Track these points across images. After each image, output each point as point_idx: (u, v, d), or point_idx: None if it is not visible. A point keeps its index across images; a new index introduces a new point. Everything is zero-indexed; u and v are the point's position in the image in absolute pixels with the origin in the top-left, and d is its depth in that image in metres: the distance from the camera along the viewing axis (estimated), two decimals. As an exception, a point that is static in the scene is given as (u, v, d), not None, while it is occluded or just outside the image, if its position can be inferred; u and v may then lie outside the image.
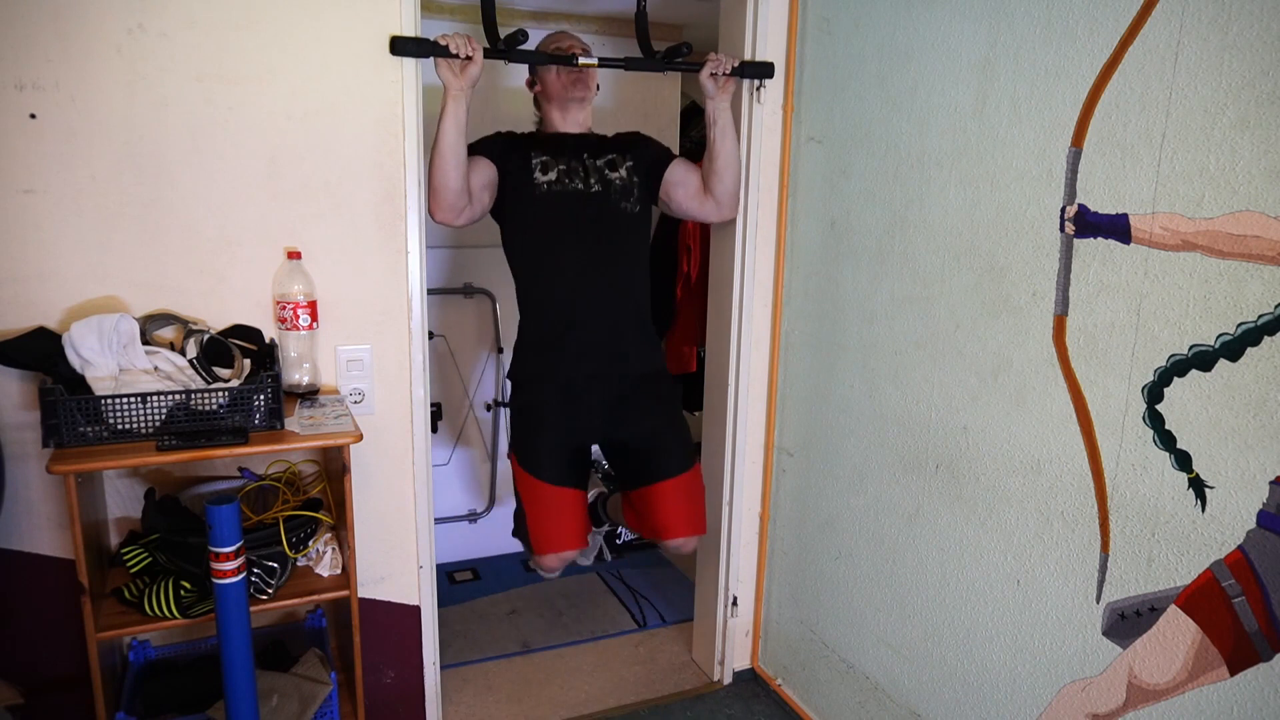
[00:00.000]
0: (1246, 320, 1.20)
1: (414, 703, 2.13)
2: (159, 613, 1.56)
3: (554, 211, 1.85)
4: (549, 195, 1.84)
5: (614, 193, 1.87)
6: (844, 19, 1.96)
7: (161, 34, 1.61)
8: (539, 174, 1.85)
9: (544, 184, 1.84)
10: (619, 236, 1.89)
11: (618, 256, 1.90)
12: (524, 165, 1.88)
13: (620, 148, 1.98)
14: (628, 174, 1.90)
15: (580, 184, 1.83)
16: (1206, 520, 1.27)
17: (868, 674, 2.04)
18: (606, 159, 1.90)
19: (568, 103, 1.95)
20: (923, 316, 1.79)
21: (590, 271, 1.89)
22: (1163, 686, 1.36)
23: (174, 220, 1.69)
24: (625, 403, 1.94)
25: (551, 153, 1.88)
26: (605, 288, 1.91)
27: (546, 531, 1.91)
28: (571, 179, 1.83)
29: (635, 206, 1.89)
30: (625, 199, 1.89)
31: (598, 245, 1.88)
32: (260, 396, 1.59)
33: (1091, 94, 1.39)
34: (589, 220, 1.86)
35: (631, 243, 1.92)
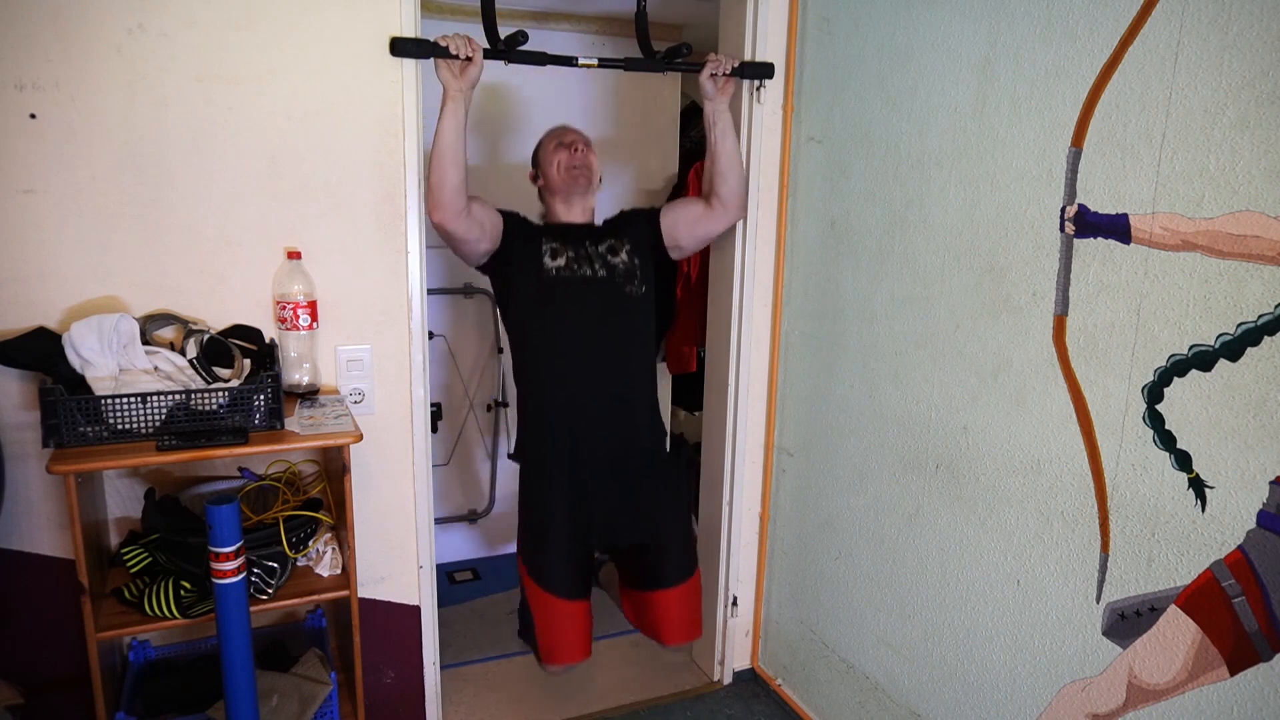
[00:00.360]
0: (1246, 320, 1.20)
1: (414, 703, 2.13)
2: (159, 613, 1.56)
3: (563, 296, 1.87)
4: (558, 280, 1.86)
5: (619, 277, 1.89)
6: (844, 19, 1.96)
7: (161, 34, 1.61)
8: (549, 259, 1.87)
9: (553, 269, 1.86)
10: (625, 320, 1.90)
11: (624, 340, 1.91)
12: (534, 249, 1.90)
13: (615, 232, 1.98)
14: (628, 257, 1.92)
15: (588, 270, 1.86)
16: (1206, 520, 1.27)
17: (868, 674, 2.04)
18: (607, 244, 1.91)
19: (570, 193, 1.96)
20: (923, 316, 1.79)
21: (597, 355, 1.90)
22: (1163, 686, 1.36)
23: (174, 220, 1.69)
24: (631, 501, 1.94)
25: (560, 239, 1.90)
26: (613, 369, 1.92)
27: (555, 644, 1.95)
28: (580, 265, 1.86)
29: (640, 288, 1.91)
30: (629, 282, 1.90)
31: (604, 329, 1.90)
32: (260, 396, 1.59)
33: (1091, 94, 1.39)
34: (596, 305, 1.88)
35: (637, 325, 1.93)
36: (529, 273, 1.88)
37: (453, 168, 1.78)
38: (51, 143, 1.59)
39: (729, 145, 2.03)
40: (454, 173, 1.79)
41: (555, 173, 1.96)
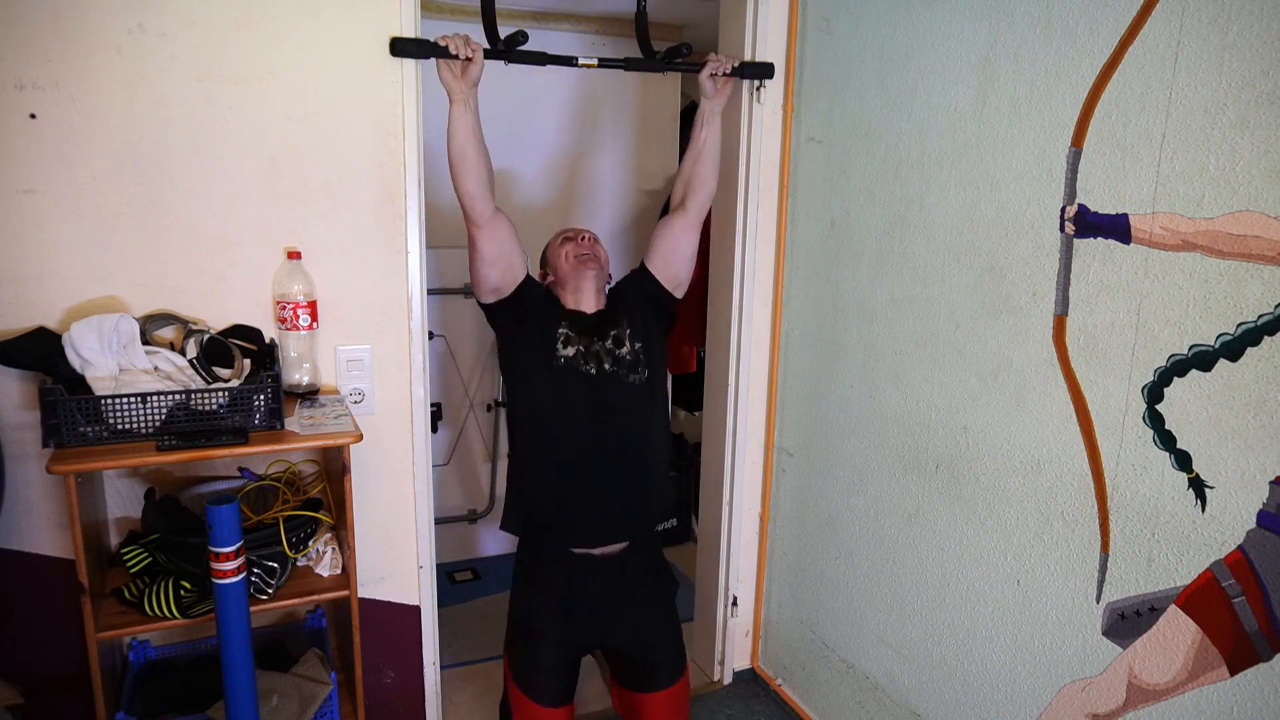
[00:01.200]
0: (1246, 320, 1.20)
1: (414, 703, 2.13)
2: (159, 613, 1.56)
3: (567, 386, 1.83)
4: (565, 369, 1.82)
5: (624, 368, 1.86)
6: (844, 19, 1.96)
7: (161, 34, 1.61)
8: (561, 346, 1.83)
9: (563, 357, 1.83)
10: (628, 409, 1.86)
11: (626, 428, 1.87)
12: (552, 328, 1.85)
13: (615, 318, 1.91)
14: (630, 343, 1.88)
15: (594, 368, 1.83)
16: (1206, 520, 1.27)
17: (868, 674, 2.04)
18: (612, 337, 1.87)
19: (581, 281, 1.91)
20: (923, 316, 1.79)
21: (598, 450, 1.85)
22: (1163, 686, 1.36)
23: (174, 220, 1.69)
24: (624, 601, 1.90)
25: (575, 329, 1.86)
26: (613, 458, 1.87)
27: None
28: (587, 361, 1.83)
29: (643, 375, 1.87)
30: (633, 372, 1.87)
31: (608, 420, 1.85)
32: (260, 396, 1.59)
33: (1091, 94, 1.39)
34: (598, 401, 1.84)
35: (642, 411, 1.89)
36: (541, 352, 1.83)
37: (466, 171, 1.74)
38: (51, 143, 1.59)
39: (716, 138, 1.98)
40: (469, 177, 1.74)
41: (564, 262, 1.91)
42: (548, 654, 1.88)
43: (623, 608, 1.90)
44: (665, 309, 1.98)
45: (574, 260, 1.89)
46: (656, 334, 1.95)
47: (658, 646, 1.95)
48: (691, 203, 1.97)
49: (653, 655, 1.94)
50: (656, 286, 1.95)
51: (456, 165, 1.74)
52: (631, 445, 1.88)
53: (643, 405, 1.88)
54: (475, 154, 1.74)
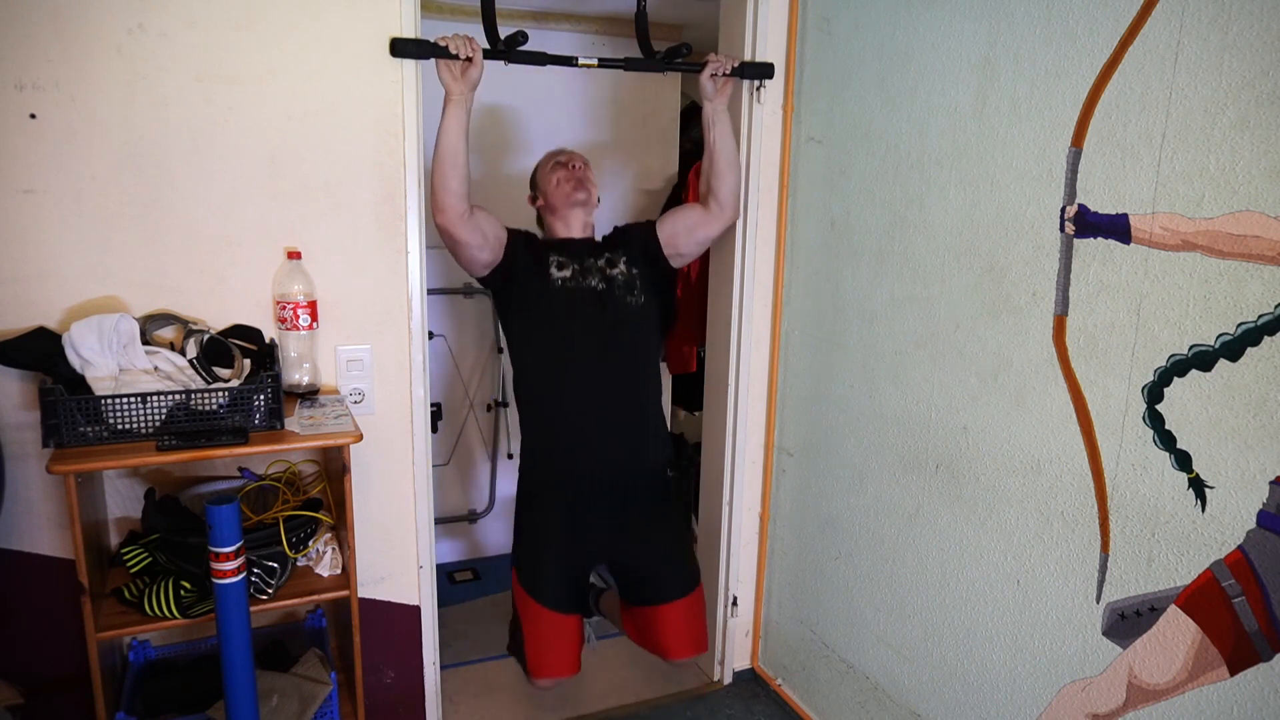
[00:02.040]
0: (1246, 320, 1.20)
1: (414, 703, 2.13)
2: (159, 613, 1.56)
3: (568, 307, 1.88)
4: (563, 291, 1.87)
5: (618, 288, 1.91)
6: (844, 19, 1.96)
7: (161, 34, 1.61)
8: (554, 270, 1.89)
9: (559, 280, 1.88)
10: (628, 330, 1.91)
11: (627, 348, 1.92)
12: (540, 261, 1.91)
13: (612, 246, 2.00)
14: (626, 268, 1.94)
15: (592, 281, 1.88)
16: (1206, 520, 1.27)
17: (868, 674, 2.04)
18: (604, 258, 1.94)
19: (570, 209, 1.97)
20: (923, 316, 1.79)
21: (601, 366, 1.90)
22: (1163, 686, 1.36)
23: (174, 220, 1.69)
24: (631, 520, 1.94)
25: (565, 254, 1.92)
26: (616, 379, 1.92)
27: (544, 657, 1.93)
28: (585, 277, 1.88)
29: (640, 298, 1.92)
30: (629, 292, 1.92)
31: (608, 341, 1.90)
32: (260, 396, 1.59)
33: (1091, 94, 1.39)
34: (600, 316, 1.89)
35: (640, 335, 1.94)
36: (534, 283, 1.89)
37: (454, 171, 1.79)
38: (51, 143, 1.59)
39: (728, 146, 2.03)
40: (455, 177, 1.79)
41: (554, 189, 1.97)
42: (555, 562, 1.90)
43: (629, 524, 1.92)
44: (660, 269, 2.02)
45: (565, 188, 1.95)
46: (651, 276, 1.98)
47: (668, 559, 1.94)
48: (711, 199, 2.05)
49: (663, 568, 1.94)
50: (657, 247, 2.02)
51: (448, 163, 1.78)
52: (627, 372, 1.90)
53: (641, 328, 1.90)
54: (464, 154, 1.79)
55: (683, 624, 1.95)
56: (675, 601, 1.94)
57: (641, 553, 1.94)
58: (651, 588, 1.96)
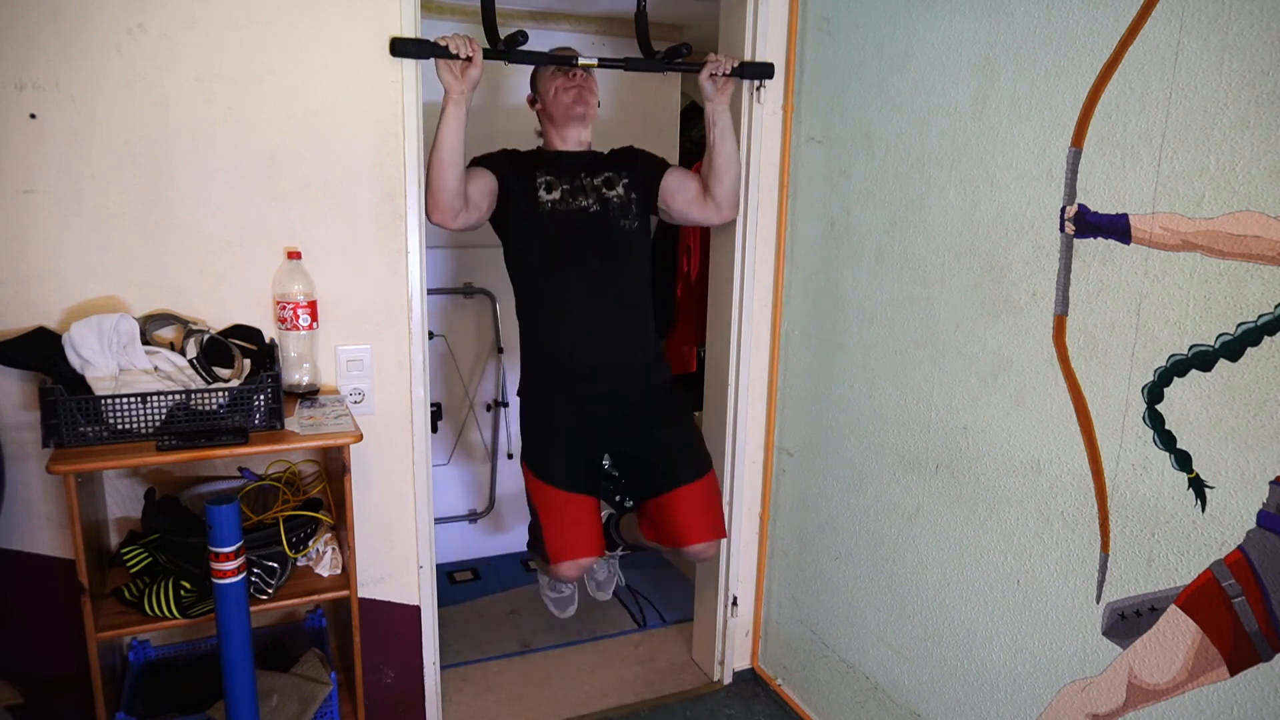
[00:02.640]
0: (1246, 320, 1.20)
1: (414, 703, 2.13)
2: (159, 613, 1.56)
3: (558, 229, 1.88)
4: (553, 214, 1.87)
5: (613, 211, 1.90)
6: (844, 19, 1.96)
7: (161, 34, 1.61)
8: (543, 193, 1.88)
9: (548, 202, 1.88)
10: (620, 253, 1.92)
11: (621, 272, 1.93)
12: (529, 184, 1.91)
13: (616, 165, 2.00)
14: (624, 191, 1.93)
15: (583, 201, 1.87)
16: (1206, 520, 1.27)
17: (868, 674, 2.04)
18: (603, 177, 1.93)
19: (568, 121, 1.96)
20: (923, 316, 1.79)
21: (595, 288, 1.91)
22: (1163, 686, 1.36)
23: (174, 220, 1.69)
24: (635, 414, 1.96)
25: (554, 172, 1.91)
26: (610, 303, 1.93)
27: (564, 538, 1.91)
28: (575, 197, 1.87)
29: (633, 223, 1.92)
30: (624, 216, 1.92)
31: (601, 262, 1.91)
32: (260, 396, 1.59)
33: (1091, 94, 1.39)
34: (591, 238, 1.89)
35: (633, 258, 1.94)
36: (524, 207, 1.90)
37: (452, 172, 1.79)
38: (51, 143, 1.59)
39: (728, 146, 2.03)
40: (453, 177, 1.79)
41: (553, 98, 1.94)
42: (565, 448, 1.91)
43: (634, 415, 1.94)
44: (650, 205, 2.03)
45: (563, 99, 1.93)
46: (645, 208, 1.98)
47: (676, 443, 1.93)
48: (707, 193, 2.05)
49: (672, 453, 1.93)
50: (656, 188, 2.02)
51: (446, 162, 1.79)
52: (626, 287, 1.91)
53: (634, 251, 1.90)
54: (462, 153, 1.80)
55: (696, 508, 1.92)
56: (687, 485, 1.91)
57: (649, 441, 1.94)
58: (661, 474, 1.93)
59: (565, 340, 1.93)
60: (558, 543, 1.91)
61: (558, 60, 1.94)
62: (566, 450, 1.94)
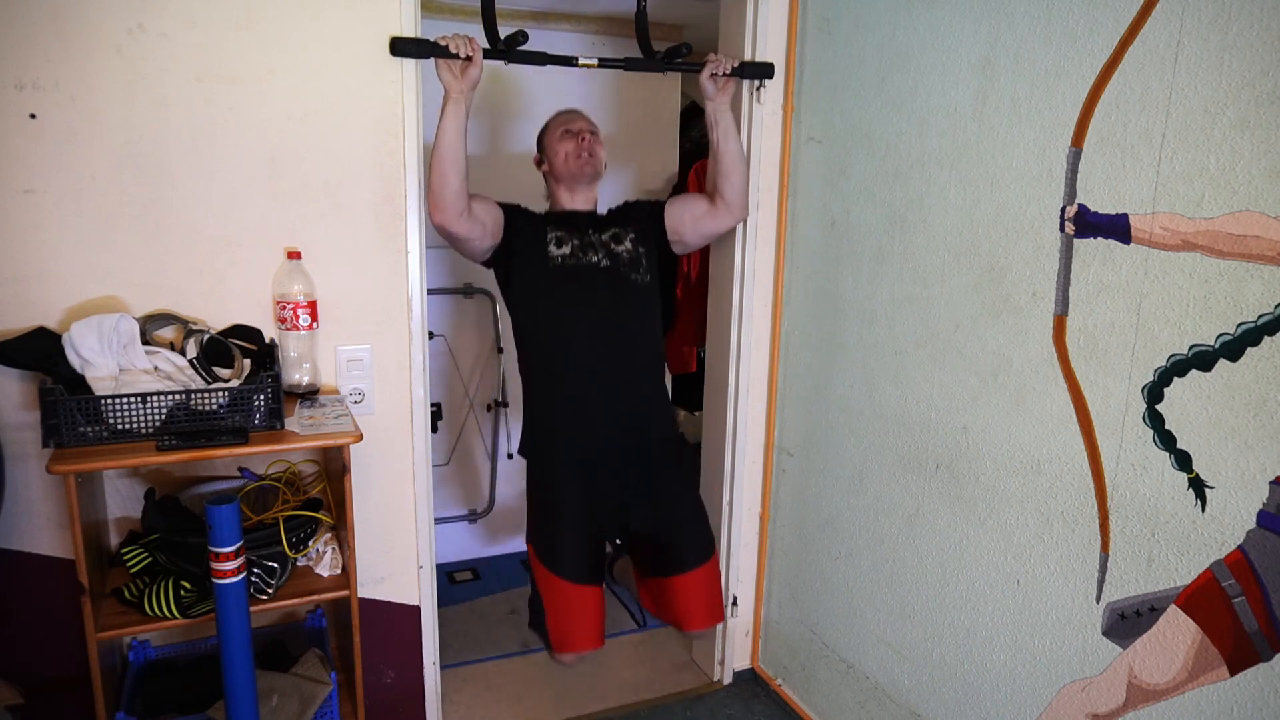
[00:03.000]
0: (1246, 320, 1.20)
1: (414, 703, 2.13)
2: (159, 613, 1.56)
3: (569, 284, 1.87)
4: (564, 269, 1.86)
5: (623, 265, 1.90)
6: (844, 19, 1.96)
7: (161, 34, 1.61)
8: (553, 248, 1.87)
9: (558, 257, 1.87)
10: (631, 307, 1.90)
11: (631, 325, 1.91)
12: (539, 238, 1.90)
13: (619, 221, 1.99)
14: (632, 245, 1.93)
15: (593, 257, 1.86)
16: (1206, 520, 1.27)
17: (868, 674, 2.04)
18: (611, 233, 1.93)
19: (576, 181, 1.96)
20: (923, 316, 1.79)
21: (605, 341, 1.89)
22: (1163, 686, 1.36)
23: (174, 220, 1.69)
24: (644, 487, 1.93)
25: (564, 228, 1.91)
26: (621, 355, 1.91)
27: (567, 631, 1.91)
28: (585, 253, 1.87)
29: (645, 276, 1.91)
30: (634, 270, 1.91)
31: (612, 316, 1.89)
32: (260, 396, 1.59)
33: (1091, 94, 1.39)
34: (602, 293, 1.88)
35: (645, 311, 1.93)
36: (533, 261, 1.88)
37: (453, 170, 1.78)
38: (51, 143, 1.59)
39: (732, 146, 2.02)
40: (455, 175, 1.78)
41: (561, 161, 1.96)
42: (571, 533, 1.89)
43: (641, 487, 1.91)
44: (663, 250, 2.02)
45: (573, 162, 1.95)
46: (656, 256, 1.97)
47: (682, 526, 1.92)
48: (717, 198, 2.05)
49: (678, 536, 1.93)
50: (661, 229, 2.03)
51: (447, 161, 1.77)
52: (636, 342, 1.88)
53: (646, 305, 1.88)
54: (464, 152, 1.79)
55: (700, 594, 1.93)
56: (691, 572, 1.92)
57: (655, 518, 1.92)
58: (666, 558, 1.93)
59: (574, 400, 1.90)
60: (560, 633, 1.91)
61: (558, 61, 1.95)
62: (574, 538, 1.90)
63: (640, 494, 1.93)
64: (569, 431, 1.90)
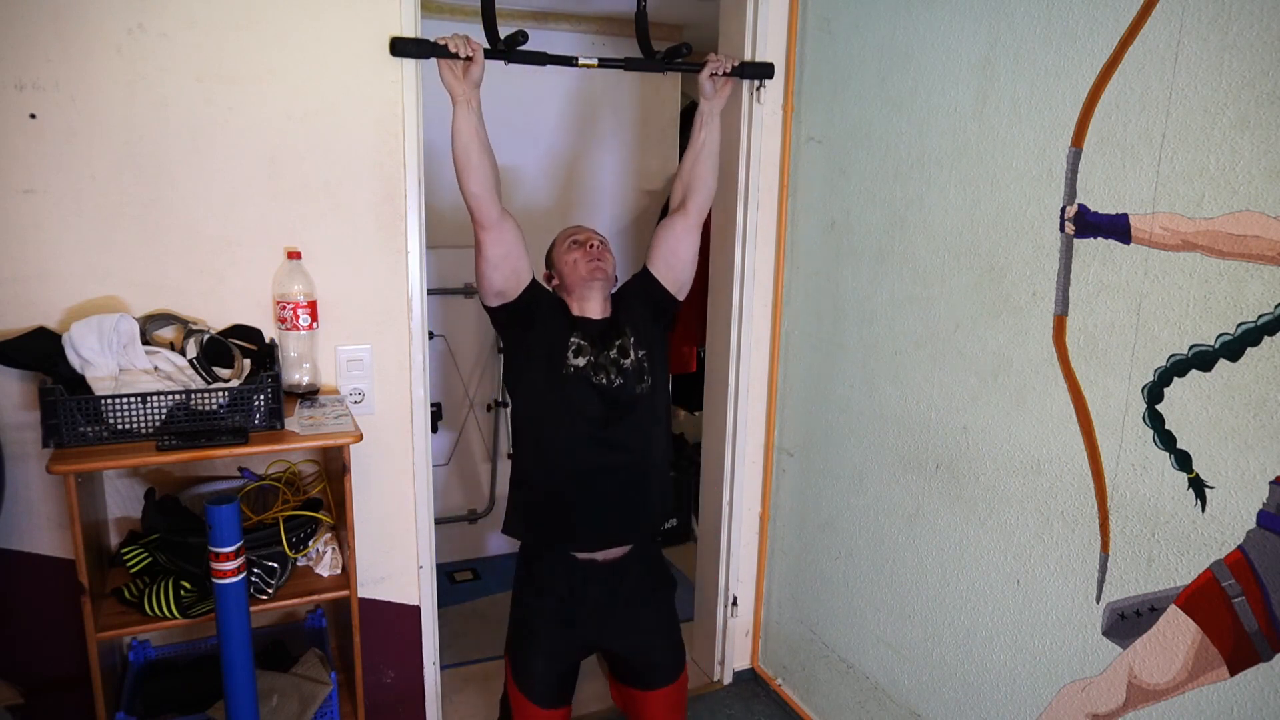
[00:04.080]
0: (1246, 320, 1.20)
1: (414, 703, 2.13)
2: (159, 613, 1.56)
3: (577, 395, 1.83)
4: (575, 379, 1.83)
5: (629, 380, 1.86)
6: (844, 19, 1.96)
7: (161, 34, 1.61)
8: (572, 355, 1.83)
9: (573, 367, 1.83)
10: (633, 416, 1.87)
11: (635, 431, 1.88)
12: (562, 338, 1.84)
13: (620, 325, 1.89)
14: (634, 352, 1.88)
15: (604, 378, 1.83)
16: (1206, 520, 1.27)
17: (868, 674, 2.04)
18: (618, 346, 1.87)
19: (588, 291, 1.88)
20: (923, 316, 1.79)
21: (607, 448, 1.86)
22: (1163, 686, 1.36)
23: (174, 220, 1.69)
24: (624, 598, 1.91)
25: (586, 338, 1.85)
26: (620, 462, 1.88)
27: None
28: (597, 373, 1.83)
29: (647, 384, 1.87)
30: (639, 382, 1.87)
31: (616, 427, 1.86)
32: (260, 396, 1.59)
33: (1091, 94, 1.39)
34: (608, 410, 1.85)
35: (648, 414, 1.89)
36: (550, 361, 1.84)
37: (468, 174, 1.73)
38: (51, 143, 1.59)
39: (715, 136, 1.96)
40: (473, 179, 1.74)
41: (571, 269, 1.88)
42: (546, 657, 1.90)
43: (622, 612, 1.91)
44: (667, 312, 1.97)
45: (583, 270, 1.86)
46: (659, 339, 1.94)
47: (656, 648, 1.97)
48: (691, 204, 1.96)
49: (651, 656, 1.97)
50: (659, 290, 1.94)
51: (460, 167, 1.74)
52: (634, 454, 1.87)
53: (646, 414, 1.88)
54: (479, 155, 1.74)
55: (666, 711, 1.99)
56: (661, 689, 1.97)
57: (632, 635, 1.94)
58: (640, 672, 1.97)
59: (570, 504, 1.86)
60: None
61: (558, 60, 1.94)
62: (549, 661, 1.91)
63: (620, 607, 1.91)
64: (561, 534, 1.87)
